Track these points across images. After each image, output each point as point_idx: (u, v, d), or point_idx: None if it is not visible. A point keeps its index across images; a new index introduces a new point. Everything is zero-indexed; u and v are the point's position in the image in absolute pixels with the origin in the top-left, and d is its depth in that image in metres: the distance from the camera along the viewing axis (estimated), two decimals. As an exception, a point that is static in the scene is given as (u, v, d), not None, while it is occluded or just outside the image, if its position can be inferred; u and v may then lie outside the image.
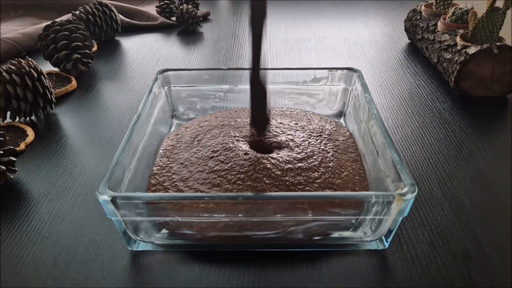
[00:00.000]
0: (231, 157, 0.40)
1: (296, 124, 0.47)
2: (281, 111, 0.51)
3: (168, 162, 0.42)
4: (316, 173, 0.39)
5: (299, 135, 0.44)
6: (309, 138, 0.44)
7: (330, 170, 0.39)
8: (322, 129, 0.46)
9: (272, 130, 0.45)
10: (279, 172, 0.38)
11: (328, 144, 0.43)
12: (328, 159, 0.41)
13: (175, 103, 0.52)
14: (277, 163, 0.39)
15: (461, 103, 0.60)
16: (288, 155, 0.41)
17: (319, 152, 0.42)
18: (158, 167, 0.42)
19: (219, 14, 0.99)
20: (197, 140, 0.45)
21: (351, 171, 0.40)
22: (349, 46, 0.79)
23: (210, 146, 0.43)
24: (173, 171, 0.40)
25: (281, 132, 0.45)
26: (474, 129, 0.54)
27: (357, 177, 0.40)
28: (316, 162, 0.40)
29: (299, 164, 0.39)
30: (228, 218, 0.34)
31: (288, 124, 0.47)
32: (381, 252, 0.37)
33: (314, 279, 0.34)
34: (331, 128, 0.47)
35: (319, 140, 0.44)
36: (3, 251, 0.38)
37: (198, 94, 0.53)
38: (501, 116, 0.57)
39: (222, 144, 0.43)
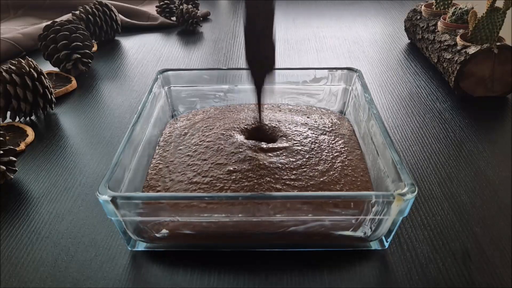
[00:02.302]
0: (205, 170, 0.39)
1: (305, 115, 0.47)
2: (289, 106, 0.51)
3: (160, 161, 0.42)
4: (337, 185, 0.38)
5: (309, 133, 0.44)
6: (324, 134, 0.44)
7: (349, 181, 0.39)
8: (332, 123, 0.46)
9: (278, 125, 0.45)
10: (296, 191, 0.37)
11: (339, 141, 0.44)
12: (345, 164, 0.40)
13: (175, 103, 0.52)
14: (294, 183, 0.38)
15: (461, 103, 0.60)
16: (310, 168, 0.39)
17: (338, 155, 0.41)
18: (152, 166, 0.42)
19: (219, 14, 0.99)
20: (183, 134, 0.45)
21: (361, 174, 0.40)
22: (349, 46, 0.79)
23: (188, 145, 0.43)
24: (160, 175, 0.40)
25: (288, 127, 0.45)
26: (474, 129, 0.54)
27: (368, 181, 0.40)
28: (336, 174, 0.39)
29: (322, 179, 0.38)
30: (228, 218, 0.34)
31: (293, 117, 0.47)
32: (381, 252, 0.37)
33: (314, 279, 0.34)
34: (339, 122, 0.48)
35: (332, 137, 0.44)
36: (3, 251, 0.38)
37: (198, 94, 0.53)
38: (501, 116, 0.57)
39: (197, 145, 0.43)
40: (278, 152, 0.41)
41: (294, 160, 0.40)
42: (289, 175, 0.38)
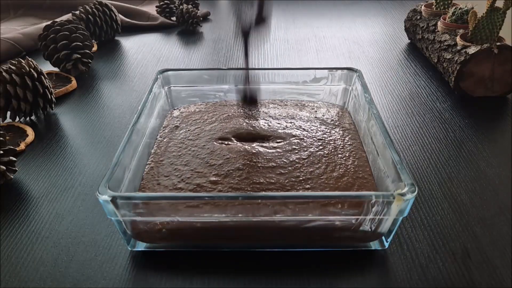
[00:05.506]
0: (187, 177, 0.39)
1: (313, 113, 0.48)
2: (295, 102, 0.51)
3: (152, 159, 0.42)
4: (352, 190, 0.38)
5: (317, 129, 0.44)
6: (330, 130, 0.44)
7: (361, 184, 0.39)
8: (339, 118, 0.47)
9: (280, 122, 0.45)
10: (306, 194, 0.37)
11: (347, 137, 0.44)
12: (355, 164, 0.40)
13: (175, 103, 0.52)
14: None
15: (461, 103, 0.60)
16: (323, 176, 0.39)
17: (349, 155, 0.41)
18: (147, 166, 0.42)
19: (219, 14, 0.99)
20: (175, 128, 0.46)
21: (369, 173, 0.40)
22: (349, 46, 0.79)
23: (176, 143, 0.43)
24: (151, 174, 0.40)
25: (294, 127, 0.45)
26: (474, 129, 0.54)
27: (373, 180, 0.40)
28: (351, 179, 0.39)
29: (338, 185, 0.38)
30: (228, 218, 0.34)
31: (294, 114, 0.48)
32: (381, 252, 0.37)
33: (314, 279, 0.34)
34: (343, 115, 0.48)
35: (341, 132, 0.44)
36: (3, 251, 0.38)
37: (198, 94, 0.53)
38: (501, 116, 0.57)
39: (181, 144, 0.43)
40: (290, 168, 0.40)
41: (312, 170, 0.40)
42: (304, 185, 0.38)
